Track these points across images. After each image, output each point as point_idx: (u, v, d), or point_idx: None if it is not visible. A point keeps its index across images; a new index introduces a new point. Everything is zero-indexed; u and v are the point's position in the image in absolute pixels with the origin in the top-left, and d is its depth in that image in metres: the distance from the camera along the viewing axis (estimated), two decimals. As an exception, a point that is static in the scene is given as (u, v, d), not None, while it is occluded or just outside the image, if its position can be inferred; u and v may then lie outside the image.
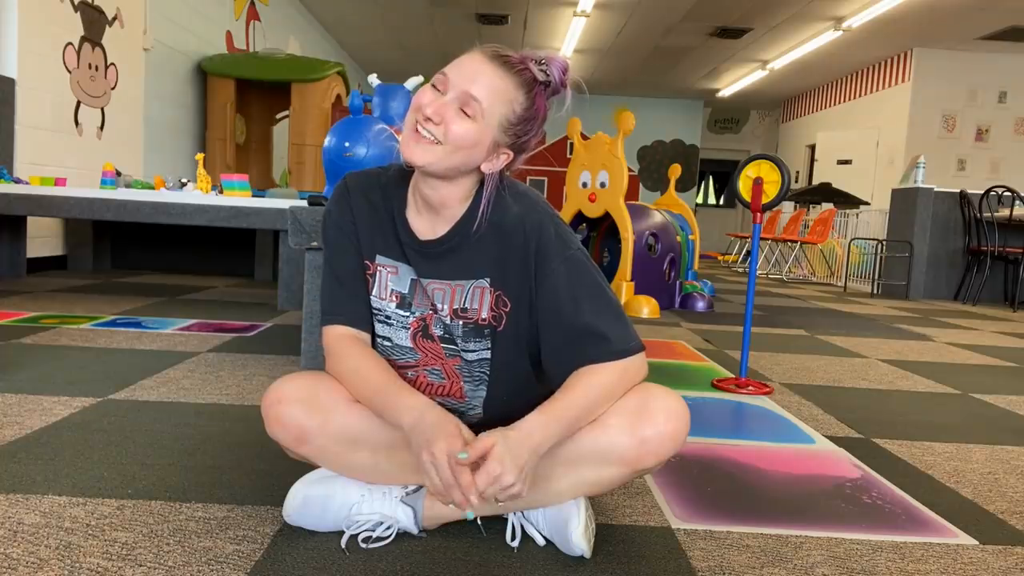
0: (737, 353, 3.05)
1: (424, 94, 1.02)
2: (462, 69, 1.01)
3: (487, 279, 1.11)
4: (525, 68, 1.03)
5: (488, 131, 1.02)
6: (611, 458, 1.09)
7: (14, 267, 4.24)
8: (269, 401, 1.10)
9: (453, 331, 1.14)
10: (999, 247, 5.96)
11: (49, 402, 1.79)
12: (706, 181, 14.94)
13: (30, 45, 4.30)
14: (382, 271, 1.15)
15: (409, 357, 1.17)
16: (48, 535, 1.10)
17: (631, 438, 1.08)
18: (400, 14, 8.86)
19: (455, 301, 1.12)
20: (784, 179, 2.27)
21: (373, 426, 1.11)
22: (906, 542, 1.27)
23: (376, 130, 2.48)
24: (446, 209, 1.10)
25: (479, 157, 1.04)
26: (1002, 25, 8.04)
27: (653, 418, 1.08)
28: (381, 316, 1.17)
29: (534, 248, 1.09)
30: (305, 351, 2.31)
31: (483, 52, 1.03)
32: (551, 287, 1.09)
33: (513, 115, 1.03)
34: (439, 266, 1.12)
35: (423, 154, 1.01)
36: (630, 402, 1.10)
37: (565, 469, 1.10)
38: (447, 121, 1.00)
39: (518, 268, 1.10)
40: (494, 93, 1.01)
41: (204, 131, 6.56)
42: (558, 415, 1.04)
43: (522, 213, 1.10)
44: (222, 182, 3.88)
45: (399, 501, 1.14)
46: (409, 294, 1.14)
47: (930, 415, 2.21)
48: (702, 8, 8.03)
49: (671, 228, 4.73)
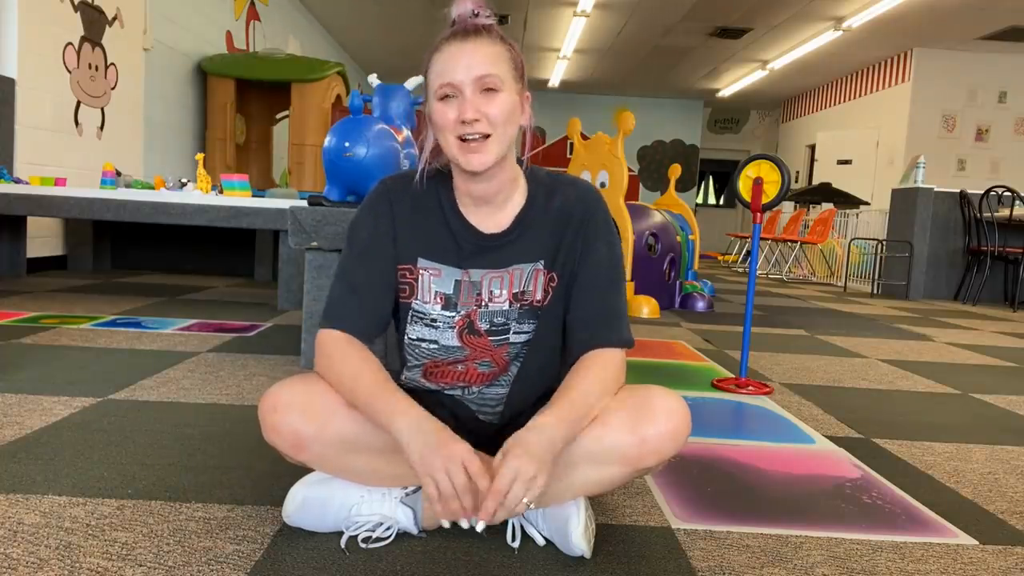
0: (737, 353, 3.05)
1: (445, 111, 1.06)
2: (458, 64, 1.05)
3: (542, 261, 1.16)
4: (489, 26, 1.09)
5: (512, 88, 1.08)
6: (612, 457, 1.09)
7: (14, 267, 4.25)
8: (265, 409, 1.09)
9: (508, 316, 1.16)
10: (999, 247, 5.96)
11: (49, 402, 1.79)
12: (706, 181, 14.94)
13: (30, 45, 4.30)
14: (424, 274, 1.15)
15: (457, 354, 1.18)
16: (48, 535, 1.10)
17: (632, 436, 1.08)
18: (400, 14, 8.86)
19: (514, 286, 1.16)
20: (784, 179, 2.27)
21: (370, 431, 1.09)
22: (906, 542, 1.27)
23: (376, 130, 2.48)
24: (501, 195, 1.14)
25: (519, 115, 1.10)
26: (1002, 25, 8.04)
27: (654, 417, 1.08)
28: (426, 320, 1.17)
29: (587, 224, 1.16)
30: (305, 351, 2.31)
31: (454, 39, 1.07)
32: (595, 263, 1.16)
33: (512, 61, 1.09)
34: (499, 256, 1.15)
35: (481, 157, 1.06)
36: (630, 401, 1.11)
37: (567, 469, 1.09)
38: (483, 110, 1.05)
39: (569, 246, 1.16)
40: (495, 60, 1.06)
41: (204, 131, 6.56)
42: (564, 415, 1.04)
43: (580, 194, 1.18)
44: (222, 182, 3.88)
45: (399, 502, 1.14)
46: (454, 294, 1.16)
47: (930, 415, 2.21)
48: (702, 8, 8.03)
49: (671, 228, 4.73)
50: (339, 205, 2.41)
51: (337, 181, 2.48)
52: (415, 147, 2.67)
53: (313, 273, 2.27)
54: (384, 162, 2.47)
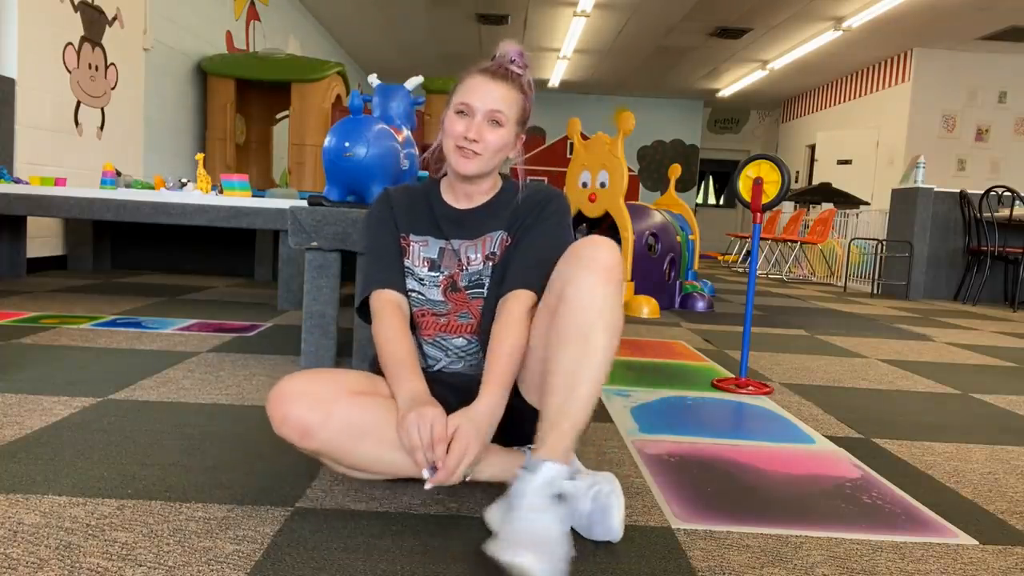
0: (737, 353, 3.05)
1: (456, 123, 1.33)
2: (478, 93, 1.32)
3: (504, 231, 1.42)
4: (516, 75, 1.36)
5: (511, 129, 1.36)
6: (595, 308, 1.16)
7: (14, 267, 4.25)
8: (273, 403, 1.18)
9: (483, 274, 1.41)
10: (999, 247, 5.96)
11: (49, 402, 1.79)
12: (706, 181, 14.94)
13: (30, 45, 4.30)
14: (415, 244, 1.44)
15: (440, 308, 1.42)
16: (48, 535, 1.10)
17: (589, 273, 1.16)
18: (400, 14, 8.86)
19: (486, 249, 1.42)
20: (784, 179, 2.27)
21: (376, 418, 1.20)
22: (906, 542, 1.27)
23: (376, 130, 2.47)
24: (479, 193, 1.43)
25: (509, 149, 1.38)
26: (1002, 25, 8.04)
27: (582, 255, 1.19)
28: (416, 278, 1.42)
29: (544, 206, 1.41)
30: (305, 351, 2.31)
31: (484, 73, 1.33)
32: (540, 232, 1.39)
33: (522, 111, 1.37)
34: (472, 227, 1.42)
35: (468, 164, 1.34)
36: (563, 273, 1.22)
37: (579, 352, 1.16)
38: (483, 136, 1.32)
39: (523, 216, 1.41)
40: (509, 103, 1.34)
41: (204, 131, 6.56)
42: (498, 383, 1.22)
43: (543, 188, 1.44)
44: (222, 182, 3.88)
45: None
46: (438, 259, 1.43)
47: (930, 415, 2.21)
48: (702, 8, 8.03)
49: (671, 228, 4.73)
50: (339, 205, 2.41)
51: (337, 181, 2.48)
52: (415, 147, 2.67)
53: (313, 273, 2.27)
54: (384, 162, 2.46)
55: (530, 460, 1.11)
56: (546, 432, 1.12)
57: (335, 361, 2.34)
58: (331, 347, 2.31)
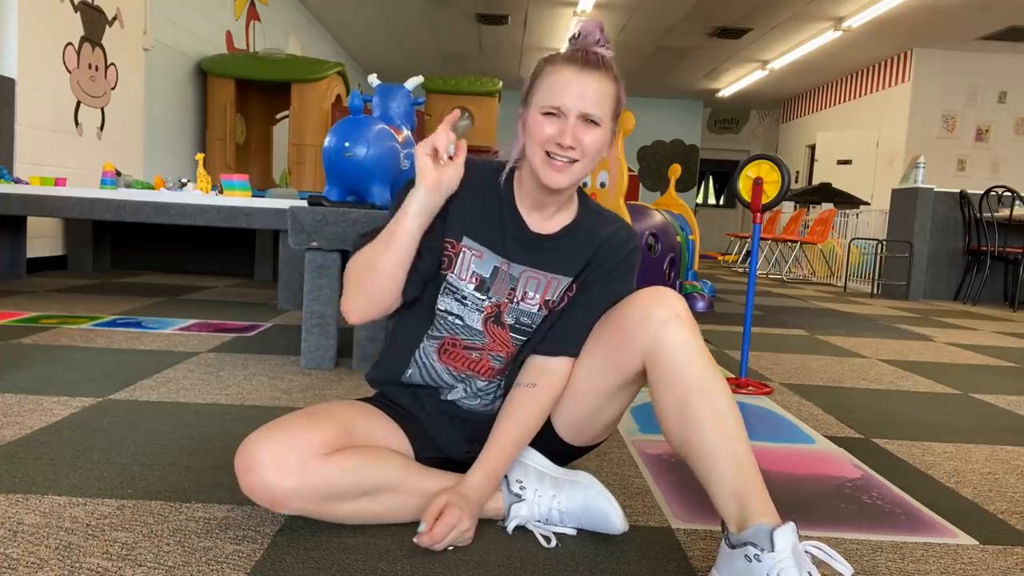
0: (737, 353, 3.05)
1: (545, 126, 1.12)
2: (571, 91, 1.11)
3: (572, 279, 1.23)
4: (606, 61, 1.14)
5: (609, 127, 1.16)
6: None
7: (14, 267, 4.24)
8: (240, 468, 1.06)
9: (534, 319, 1.22)
10: (999, 247, 5.96)
11: (49, 402, 1.79)
12: (706, 181, 14.94)
13: (30, 45, 4.30)
14: (466, 252, 1.21)
15: (477, 340, 1.23)
16: (48, 535, 1.10)
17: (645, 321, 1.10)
18: (400, 14, 8.86)
19: (548, 293, 1.22)
20: (784, 179, 2.27)
21: (349, 479, 1.09)
22: (906, 542, 1.27)
23: (376, 130, 2.48)
24: (556, 207, 1.22)
25: (606, 150, 1.17)
26: (1002, 25, 8.04)
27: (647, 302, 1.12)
28: (458, 295, 1.21)
29: (622, 263, 1.23)
30: (305, 351, 2.31)
31: (572, 64, 1.12)
32: (608, 288, 1.22)
33: (615, 100, 1.16)
34: (542, 258, 1.21)
35: (562, 178, 1.13)
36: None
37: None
38: (579, 139, 1.11)
39: (595, 268, 1.23)
40: (605, 97, 1.13)
41: (204, 131, 6.56)
42: (498, 465, 1.17)
43: (626, 236, 1.25)
44: (222, 182, 3.88)
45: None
46: (490, 279, 1.21)
47: (930, 415, 2.21)
48: (702, 8, 8.03)
49: (671, 228, 4.73)
50: (339, 205, 2.41)
51: (337, 181, 2.48)
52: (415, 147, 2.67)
53: (313, 273, 2.27)
54: (384, 162, 2.47)
55: (756, 534, 0.96)
56: (746, 505, 1.03)
57: (335, 361, 2.34)
58: (331, 347, 2.31)
